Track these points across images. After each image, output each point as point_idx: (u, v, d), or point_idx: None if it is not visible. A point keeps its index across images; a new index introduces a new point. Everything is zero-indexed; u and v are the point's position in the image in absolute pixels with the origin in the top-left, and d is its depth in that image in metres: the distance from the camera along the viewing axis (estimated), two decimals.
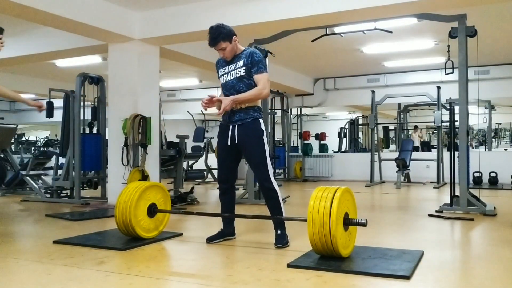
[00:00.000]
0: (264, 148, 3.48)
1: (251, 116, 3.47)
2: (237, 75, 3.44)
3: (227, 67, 3.53)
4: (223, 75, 3.54)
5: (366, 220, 2.98)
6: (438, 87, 9.33)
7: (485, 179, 8.87)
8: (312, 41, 6.74)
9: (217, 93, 13.03)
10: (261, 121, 3.53)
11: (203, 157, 10.29)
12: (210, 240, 3.65)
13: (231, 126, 3.51)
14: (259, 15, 5.38)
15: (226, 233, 3.74)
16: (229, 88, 3.50)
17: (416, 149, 12.23)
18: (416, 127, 14.86)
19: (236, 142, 3.50)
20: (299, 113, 12.47)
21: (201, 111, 11.88)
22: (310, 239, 2.90)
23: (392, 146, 14.70)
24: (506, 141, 19.32)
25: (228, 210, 3.70)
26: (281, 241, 3.43)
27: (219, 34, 3.42)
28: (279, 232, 3.48)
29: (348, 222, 3.00)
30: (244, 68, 3.42)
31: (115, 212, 3.53)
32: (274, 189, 3.47)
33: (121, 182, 5.77)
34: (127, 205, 3.46)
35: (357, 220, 3.00)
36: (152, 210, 3.65)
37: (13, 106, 15.87)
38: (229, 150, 3.57)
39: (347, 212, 3.01)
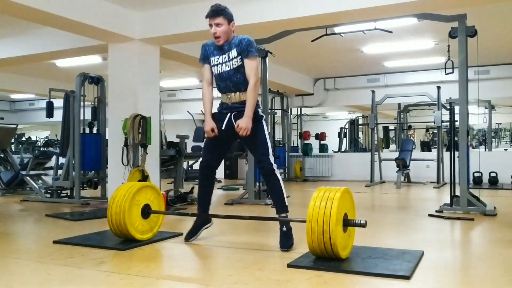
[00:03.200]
0: (263, 133, 3.41)
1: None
2: (234, 66, 3.35)
3: (220, 57, 3.40)
4: (216, 65, 3.43)
5: (366, 221, 2.97)
6: (438, 87, 9.33)
7: (485, 179, 8.86)
8: (312, 41, 6.73)
9: (217, 93, 12.96)
10: (259, 110, 3.45)
11: None
12: (188, 237, 3.62)
13: (228, 114, 3.43)
14: (259, 15, 5.38)
15: (201, 224, 3.68)
16: (225, 79, 3.42)
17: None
18: (410, 127, 14.87)
19: (230, 128, 3.40)
20: (299, 113, 12.47)
21: (201, 111, 11.93)
22: (309, 247, 2.89)
23: (392, 146, 14.68)
24: (506, 141, 19.30)
25: (206, 196, 3.63)
26: (287, 243, 3.28)
27: (222, 10, 3.34)
28: (284, 229, 3.32)
29: (347, 223, 2.99)
30: (240, 57, 3.34)
31: (109, 224, 3.50)
32: (276, 174, 3.36)
33: (121, 182, 5.75)
34: (119, 217, 3.41)
35: (356, 221, 2.99)
36: (146, 212, 3.62)
37: (13, 106, 15.87)
38: (216, 138, 3.46)
39: (346, 213, 3.00)
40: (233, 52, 3.35)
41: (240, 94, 3.38)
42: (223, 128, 3.42)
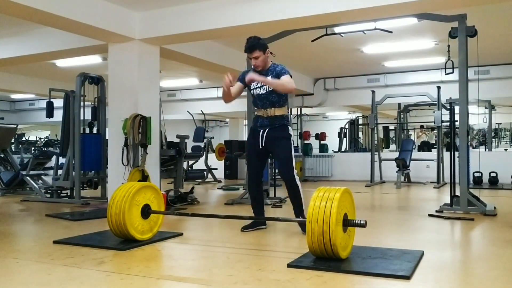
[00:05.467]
0: (290, 149, 3.97)
1: (279, 123, 3.98)
2: (270, 89, 3.92)
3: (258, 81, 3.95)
4: (255, 88, 4.02)
5: (366, 221, 2.97)
6: (438, 87, 9.33)
7: (485, 179, 8.87)
8: (312, 41, 6.74)
9: (217, 93, 12.87)
10: (289, 127, 4.04)
11: (203, 157, 10.29)
12: (244, 228, 4.09)
13: (261, 131, 4.01)
14: (259, 15, 5.38)
15: (258, 223, 4.18)
16: (262, 99, 4.00)
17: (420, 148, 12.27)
18: (422, 127, 14.90)
19: (263, 144, 3.99)
20: (299, 113, 12.48)
21: (201, 111, 11.94)
22: (309, 247, 2.89)
23: (392, 146, 14.70)
24: (506, 141, 19.30)
25: (257, 203, 4.20)
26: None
27: (257, 43, 3.87)
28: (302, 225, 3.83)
29: (347, 223, 2.99)
30: None
31: (109, 224, 3.50)
32: (297, 184, 3.96)
33: (121, 182, 5.75)
34: (119, 217, 3.41)
35: (356, 221, 2.99)
36: (146, 212, 3.62)
37: (13, 106, 15.87)
38: (257, 152, 4.07)
39: (346, 213, 3.00)
40: (269, 78, 3.88)
41: (275, 109, 3.97)
42: (257, 145, 4.02)
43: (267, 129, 3.99)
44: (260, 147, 4.01)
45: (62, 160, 7.00)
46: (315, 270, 2.75)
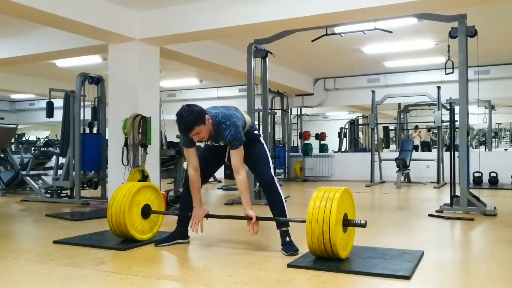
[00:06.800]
0: (265, 151, 3.48)
1: None
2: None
3: (212, 141, 3.39)
4: (211, 145, 3.45)
5: (366, 221, 2.97)
6: (438, 87, 9.33)
7: (485, 179, 8.86)
8: (312, 41, 6.73)
9: (217, 93, 12.77)
10: (255, 132, 3.51)
11: None
12: (158, 243, 3.51)
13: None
14: (259, 15, 5.37)
15: (177, 236, 3.58)
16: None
17: (415, 148, 12.26)
18: (416, 127, 14.90)
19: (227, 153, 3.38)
20: (299, 113, 12.47)
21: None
22: (309, 247, 2.89)
23: (392, 146, 14.69)
24: (506, 141, 19.31)
25: (188, 206, 3.50)
26: (293, 248, 3.20)
27: (192, 120, 3.04)
28: (287, 239, 3.28)
29: (347, 223, 2.99)
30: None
31: (109, 224, 3.51)
32: (276, 185, 3.36)
33: (121, 182, 5.75)
34: (119, 217, 3.42)
35: (356, 221, 2.99)
36: (146, 212, 3.63)
37: (13, 106, 15.87)
38: (214, 153, 3.48)
39: (346, 213, 3.00)
40: (221, 144, 3.36)
41: None
42: (220, 145, 3.40)
43: None
44: (219, 146, 3.40)
45: (62, 160, 7.00)
46: (315, 270, 2.75)
